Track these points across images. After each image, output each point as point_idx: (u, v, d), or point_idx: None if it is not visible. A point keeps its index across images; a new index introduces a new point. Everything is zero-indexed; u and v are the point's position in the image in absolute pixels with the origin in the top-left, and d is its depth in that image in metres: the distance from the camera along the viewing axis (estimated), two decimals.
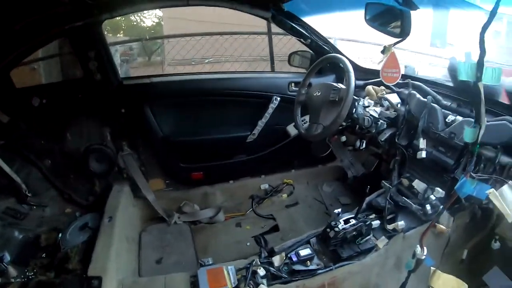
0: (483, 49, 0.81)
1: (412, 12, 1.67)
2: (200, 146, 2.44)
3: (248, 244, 2.17)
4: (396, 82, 2.00)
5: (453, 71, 1.89)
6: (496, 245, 1.51)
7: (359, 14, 1.94)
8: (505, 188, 1.01)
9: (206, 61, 6.08)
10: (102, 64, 2.06)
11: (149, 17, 10.47)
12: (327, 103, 1.92)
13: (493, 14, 0.81)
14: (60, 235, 1.91)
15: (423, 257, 1.06)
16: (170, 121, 2.37)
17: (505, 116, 1.58)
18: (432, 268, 1.12)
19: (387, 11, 1.78)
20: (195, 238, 2.23)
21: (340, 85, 1.92)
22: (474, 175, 0.95)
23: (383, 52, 1.85)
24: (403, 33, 1.64)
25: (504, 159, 1.51)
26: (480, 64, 0.83)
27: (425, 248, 1.05)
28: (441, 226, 1.16)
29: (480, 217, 1.83)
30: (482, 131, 0.93)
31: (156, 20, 10.22)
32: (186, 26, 6.14)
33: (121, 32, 9.89)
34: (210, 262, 1.75)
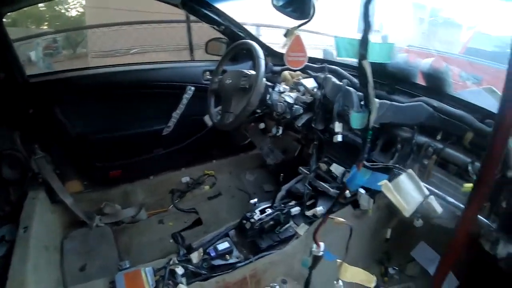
0: (367, 23, 0.74)
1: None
2: (116, 143, 2.31)
3: (171, 241, 2.09)
4: (304, 66, 1.98)
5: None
6: (418, 222, 1.55)
7: None
8: (402, 178, 0.99)
9: (131, 51, 5.86)
10: (5, 61, 1.89)
11: (73, 7, 9.88)
12: (238, 91, 1.87)
13: None
14: None
15: (320, 253, 1.02)
16: (83, 118, 2.22)
17: (421, 97, 1.62)
18: (338, 260, 1.10)
19: None
20: (118, 240, 2.13)
21: (251, 72, 1.87)
22: (368, 164, 0.91)
23: (286, 35, 1.81)
24: (304, 15, 1.59)
25: (421, 139, 1.56)
26: (364, 40, 0.76)
27: (321, 244, 1.02)
28: (339, 218, 1.12)
29: None
30: (373, 116, 0.86)
31: (81, 10, 9.65)
32: (111, 15, 5.86)
33: (45, 23, 9.28)
34: (127, 266, 1.65)
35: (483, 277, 1.75)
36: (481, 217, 1.40)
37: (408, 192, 0.97)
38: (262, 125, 2.23)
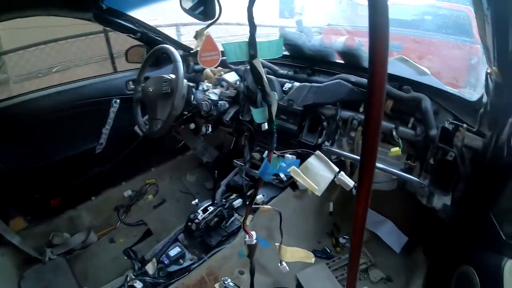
0: (252, 24, 0.78)
1: None
2: (51, 170, 2.22)
3: (125, 258, 2.08)
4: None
5: (285, 41, 1.94)
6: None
7: None
8: (310, 160, 1.05)
9: (54, 70, 5.55)
10: None
11: None
12: (162, 96, 1.87)
13: None
14: None
15: (254, 242, 1.07)
16: (12, 151, 2.10)
17: (340, 74, 1.71)
18: (276, 244, 1.15)
19: None
20: (73, 268, 2.08)
21: (171, 76, 1.88)
22: (277, 153, 0.96)
23: (196, 37, 1.83)
24: (208, 17, 1.62)
25: (345, 113, 1.66)
26: (252, 41, 0.79)
27: (253, 233, 1.06)
28: (264, 206, 1.17)
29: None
30: (274, 108, 0.91)
31: None
32: (28, 34, 5.49)
33: None
34: None
35: (428, 230, 1.89)
36: (412, 177, 1.52)
37: (317, 172, 1.03)
38: (192, 126, 2.24)
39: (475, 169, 1.37)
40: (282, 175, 1.75)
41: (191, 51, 2.29)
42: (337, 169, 1.05)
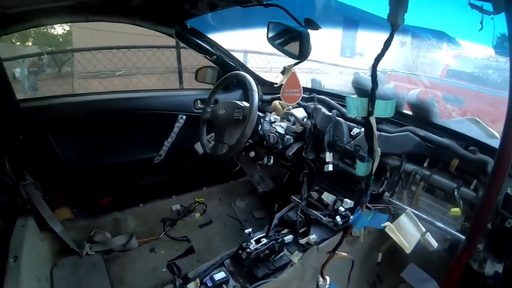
0: (375, 82, 0.80)
1: (314, 31, 1.65)
2: (106, 171, 2.30)
3: (164, 270, 2.09)
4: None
5: (357, 85, 1.96)
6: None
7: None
8: (402, 218, 1.05)
9: (117, 73, 5.82)
10: None
11: (60, 25, 9.69)
12: (232, 122, 1.91)
13: (386, 45, 0.79)
14: None
15: (326, 287, 1.06)
16: (73, 145, 2.20)
17: (408, 126, 1.71)
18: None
19: (287, 31, 1.75)
20: (110, 269, 2.10)
21: (244, 103, 1.92)
22: (370, 206, 0.97)
23: (283, 73, 1.87)
24: (301, 55, 1.64)
25: (409, 167, 1.64)
26: (372, 98, 0.82)
27: (327, 278, 1.06)
28: (343, 254, 1.17)
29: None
30: (376, 163, 0.93)
31: (68, 28, 9.47)
32: (96, 36, 5.79)
33: (30, 40, 9.07)
34: None
35: None
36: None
37: (408, 230, 1.03)
38: (252, 154, 2.27)
39: None
40: (338, 219, 1.74)
41: (275, 85, 2.35)
42: (424, 229, 1.04)
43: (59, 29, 9.50)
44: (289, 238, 1.78)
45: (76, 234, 2.20)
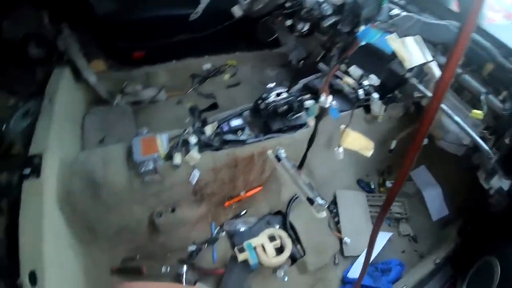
0: None
1: None
2: (142, 24, 2.31)
3: (187, 120, 2.16)
4: None
5: None
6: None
7: None
8: (408, 39, 1.02)
9: None
10: None
11: None
12: None
13: None
14: (4, 126, 1.80)
15: (327, 105, 1.07)
16: None
17: (451, 20, 1.62)
18: (342, 126, 1.17)
19: None
20: (137, 117, 2.23)
21: None
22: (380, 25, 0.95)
23: None
24: None
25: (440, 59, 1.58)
26: None
27: (329, 97, 1.07)
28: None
29: (413, 111, 1.95)
30: None
31: None
32: None
33: None
34: (145, 131, 1.75)
35: (472, 211, 1.86)
36: (484, 144, 1.46)
37: (412, 51, 1.01)
38: (289, 22, 2.20)
39: None
40: (360, 92, 1.74)
41: None
42: (430, 57, 1.03)
43: None
44: (309, 102, 1.80)
45: (109, 86, 2.30)
